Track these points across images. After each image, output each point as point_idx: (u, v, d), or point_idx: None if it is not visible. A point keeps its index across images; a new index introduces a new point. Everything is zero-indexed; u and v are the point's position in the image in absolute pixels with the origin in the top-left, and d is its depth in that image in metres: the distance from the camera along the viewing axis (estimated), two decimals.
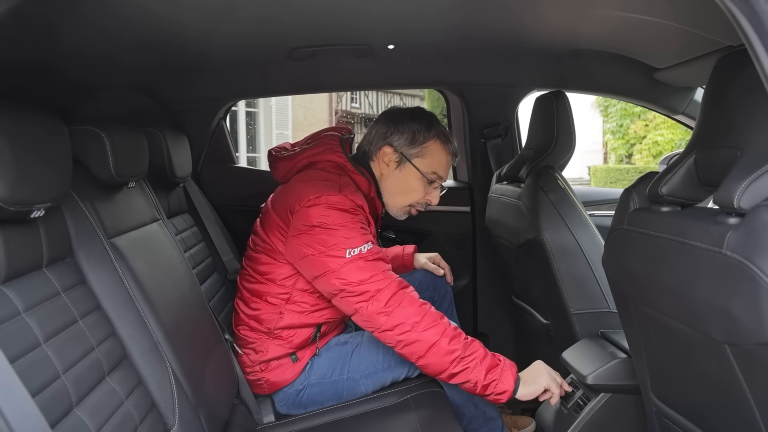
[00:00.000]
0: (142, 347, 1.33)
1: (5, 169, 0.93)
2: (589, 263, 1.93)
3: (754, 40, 0.85)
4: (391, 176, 1.86)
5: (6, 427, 0.74)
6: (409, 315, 1.58)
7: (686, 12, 1.49)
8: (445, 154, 1.86)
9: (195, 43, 1.78)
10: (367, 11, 1.62)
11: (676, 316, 1.16)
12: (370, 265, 1.63)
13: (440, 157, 1.85)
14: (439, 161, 1.85)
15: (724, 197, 0.97)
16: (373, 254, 1.64)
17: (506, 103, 2.70)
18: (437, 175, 1.86)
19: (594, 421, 1.76)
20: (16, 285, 1.02)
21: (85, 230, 1.30)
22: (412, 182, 1.85)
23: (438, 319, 1.60)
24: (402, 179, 1.85)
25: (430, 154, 1.83)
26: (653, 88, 2.38)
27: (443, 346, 1.56)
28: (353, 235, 1.64)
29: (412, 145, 1.83)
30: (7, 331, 0.94)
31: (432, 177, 1.85)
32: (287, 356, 1.80)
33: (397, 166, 1.85)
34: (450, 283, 2.21)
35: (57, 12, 1.18)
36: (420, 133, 1.82)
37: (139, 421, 1.21)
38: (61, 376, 1.03)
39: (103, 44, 1.54)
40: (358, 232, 1.65)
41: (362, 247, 1.63)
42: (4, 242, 0.99)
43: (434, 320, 1.58)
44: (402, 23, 1.76)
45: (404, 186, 1.86)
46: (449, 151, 1.87)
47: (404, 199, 1.88)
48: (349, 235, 1.64)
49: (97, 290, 1.28)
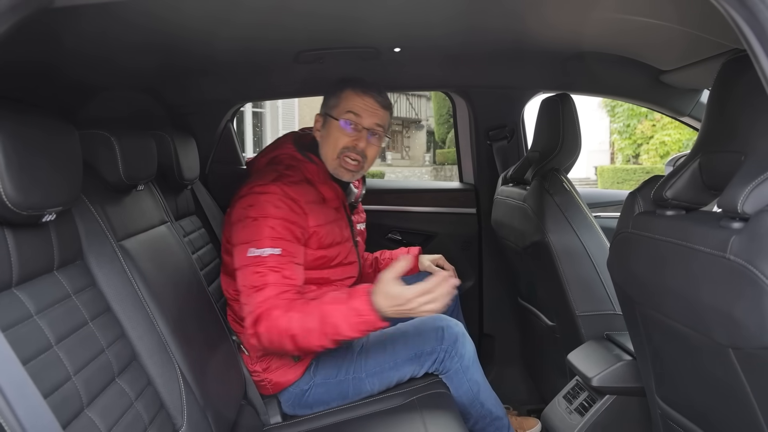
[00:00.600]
0: (151, 348, 1.35)
1: (18, 175, 0.95)
2: (595, 265, 1.94)
3: (756, 46, 0.86)
4: (322, 138, 1.88)
5: (19, 427, 0.76)
6: (273, 339, 1.58)
7: (691, 15, 1.49)
8: (358, 96, 1.84)
9: (201, 47, 1.79)
10: (373, 16, 1.63)
11: (680, 320, 1.17)
12: (259, 274, 1.62)
13: (353, 98, 1.84)
14: (352, 102, 1.83)
15: (727, 202, 0.97)
16: (276, 262, 1.63)
17: (512, 105, 2.70)
18: (353, 114, 1.83)
19: (599, 423, 1.76)
20: (28, 288, 1.04)
21: (95, 233, 1.32)
22: (333, 131, 1.84)
23: (289, 315, 1.56)
24: (327, 133, 1.86)
25: (343, 101, 1.84)
26: (659, 90, 2.38)
27: (301, 337, 1.55)
28: (264, 236, 1.65)
29: (330, 101, 1.86)
30: (19, 334, 0.96)
31: (348, 117, 1.82)
32: (287, 356, 1.81)
33: (323, 125, 1.88)
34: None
35: (63, 22, 1.19)
36: (336, 89, 1.86)
37: (148, 422, 1.22)
38: (72, 377, 1.05)
39: (107, 48, 1.56)
40: (272, 233, 1.66)
41: (263, 251, 1.63)
42: (16, 246, 1.00)
43: (285, 321, 1.56)
44: (408, 27, 1.77)
45: (329, 138, 1.85)
46: (363, 92, 1.84)
47: (331, 150, 1.85)
48: (259, 236, 1.65)
49: (107, 292, 1.30)
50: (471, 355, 1.85)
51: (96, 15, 1.24)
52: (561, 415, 1.89)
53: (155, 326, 1.39)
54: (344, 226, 1.92)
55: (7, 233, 0.99)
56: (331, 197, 1.86)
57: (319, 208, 1.79)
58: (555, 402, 1.97)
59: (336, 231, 1.85)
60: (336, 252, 1.84)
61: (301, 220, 1.72)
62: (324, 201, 1.84)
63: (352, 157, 1.83)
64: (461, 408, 1.83)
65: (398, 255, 2.26)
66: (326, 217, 1.81)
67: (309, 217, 1.75)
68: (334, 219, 1.85)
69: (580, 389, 1.89)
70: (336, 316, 1.51)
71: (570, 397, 1.91)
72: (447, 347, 1.82)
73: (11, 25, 0.78)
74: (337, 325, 1.51)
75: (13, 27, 0.78)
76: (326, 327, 1.52)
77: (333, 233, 1.83)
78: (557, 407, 1.94)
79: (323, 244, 1.79)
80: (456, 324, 1.86)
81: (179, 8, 1.38)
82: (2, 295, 0.97)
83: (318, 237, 1.77)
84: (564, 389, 1.96)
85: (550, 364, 2.32)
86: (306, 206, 1.74)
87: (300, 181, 1.78)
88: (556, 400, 1.97)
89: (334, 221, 1.85)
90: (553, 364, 2.22)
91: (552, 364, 2.26)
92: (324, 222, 1.79)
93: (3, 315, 0.94)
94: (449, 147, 20.75)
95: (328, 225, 1.81)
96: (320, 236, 1.78)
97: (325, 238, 1.79)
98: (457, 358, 1.83)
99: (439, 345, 1.82)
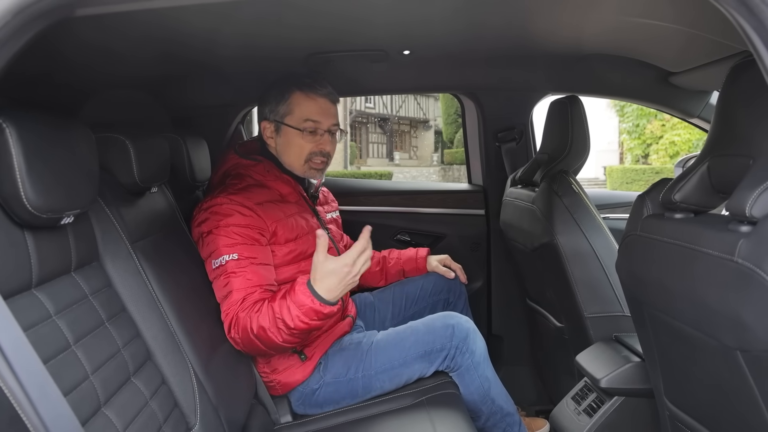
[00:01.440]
0: (165, 348, 1.37)
1: (38, 179, 0.97)
2: (603, 267, 1.94)
3: (761, 49, 0.86)
4: (279, 145, 1.90)
5: (42, 425, 0.78)
6: (246, 343, 1.63)
7: (700, 18, 1.50)
8: (311, 99, 1.86)
9: (211, 52, 1.82)
10: (381, 18, 1.64)
11: (688, 322, 1.18)
12: (223, 283, 1.67)
13: (307, 104, 1.86)
14: (307, 109, 1.85)
15: (736, 205, 0.98)
16: (236, 266, 1.67)
17: (521, 107, 2.71)
18: (312, 122, 1.86)
19: (607, 425, 1.77)
20: (46, 288, 1.06)
21: (110, 235, 1.34)
22: (294, 139, 1.87)
23: (250, 316, 1.61)
24: (286, 142, 1.88)
25: (296, 107, 1.85)
26: (668, 92, 2.38)
27: (263, 335, 1.59)
28: (219, 245, 1.69)
29: (278, 107, 1.87)
30: (39, 333, 0.98)
31: (308, 126, 1.85)
32: (294, 356, 1.83)
33: (278, 133, 1.89)
34: (464, 282, 2.24)
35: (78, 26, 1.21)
36: (280, 94, 1.87)
37: (162, 421, 1.25)
38: (90, 376, 1.07)
39: (114, 52, 1.58)
40: (226, 241, 1.69)
41: (222, 258, 1.68)
42: (36, 248, 1.03)
43: (247, 322, 1.61)
44: (416, 29, 1.79)
45: (290, 147, 1.88)
46: (315, 95, 1.86)
47: (296, 158, 1.89)
48: (215, 246, 1.70)
49: (122, 293, 1.32)
50: (482, 352, 1.86)
51: (120, 23, 1.26)
52: (569, 416, 1.90)
53: (169, 326, 1.41)
54: (309, 217, 1.94)
55: (27, 235, 1.01)
56: (288, 192, 1.90)
57: (274, 205, 1.82)
58: (563, 403, 1.98)
59: (300, 223, 1.87)
60: (306, 243, 1.85)
61: (256, 222, 1.75)
62: (282, 197, 1.87)
63: (319, 159, 1.89)
64: (472, 405, 1.84)
65: (406, 254, 2.28)
66: (284, 212, 1.83)
67: (264, 217, 1.77)
68: (295, 212, 1.88)
69: (588, 390, 1.90)
70: (283, 312, 1.56)
71: (578, 399, 1.91)
72: (458, 343, 1.83)
73: (34, 34, 0.80)
74: (285, 319, 1.56)
75: (36, 36, 0.80)
76: (278, 323, 1.57)
77: (297, 226, 1.85)
78: (566, 408, 1.95)
79: (289, 238, 1.81)
80: (466, 321, 1.87)
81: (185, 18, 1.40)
82: (23, 296, 0.99)
83: (281, 232, 1.80)
84: (572, 390, 1.97)
85: (558, 365, 2.33)
86: (257, 207, 1.76)
87: (247, 186, 1.81)
88: (565, 401, 1.97)
89: (296, 214, 1.88)
90: (562, 366, 2.23)
91: (560, 365, 2.27)
92: (283, 216, 1.82)
93: (24, 316, 0.96)
94: (457, 147, 20.75)
95: (289, 219, 1.84)
96: (283, 231, 1.80)
97: (289, 232, 1.81)
98: (468, 355, 1.84)
99: (449, 341, 1.83)
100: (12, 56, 0.79)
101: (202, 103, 2.46)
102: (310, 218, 1.93)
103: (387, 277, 2.30)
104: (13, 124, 0.94)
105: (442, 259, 2.26)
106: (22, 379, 0.77)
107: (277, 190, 1.87)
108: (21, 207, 0.96)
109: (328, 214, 2.12)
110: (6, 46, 0.76)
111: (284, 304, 1.56)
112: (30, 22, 0.77)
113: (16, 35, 0.77)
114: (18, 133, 0.94)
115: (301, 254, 1.83)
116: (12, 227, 0.98)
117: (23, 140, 0.95)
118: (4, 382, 0.75)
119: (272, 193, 1.85)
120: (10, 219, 0.98)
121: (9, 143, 0.93)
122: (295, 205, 1.90)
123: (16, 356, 0.78)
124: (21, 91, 1.40)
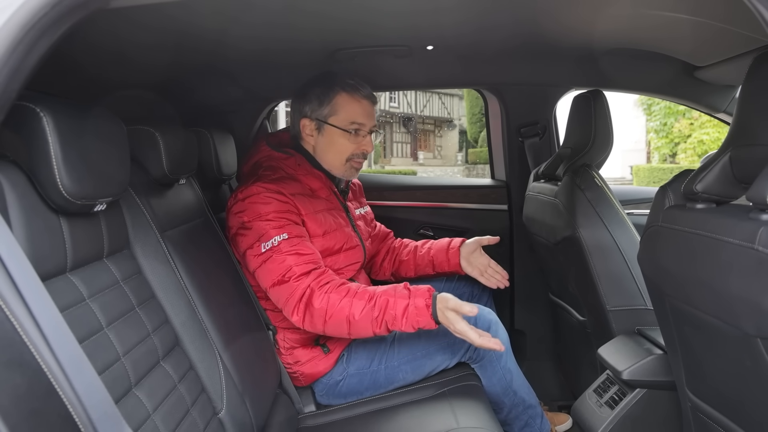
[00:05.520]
0: (193, 335, 1.41)
1: (73, 167, 1.01)
2: (626, 260, 1.94)
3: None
4: (318, 144, 1.92)
5: (78, 402, 0.81)
6: (319, 319, 1.66)
7: (725, 10, 1.49)
8: (356, 101, 1.88)
9: (239, 48, 1.85)
10: (407, 12, 1.66)
11: (709, 311, 1.18)
12: (278, 262, 1.69)
13: (352, 106, 1.88)
14: (353, 111, 1.88)
15: (756, 194, 0.99)
16: (288, 246, 1.70)
17: (544, 102, 2.71)
18: (357, 124, 1.89)
19: (629, 416, 1.77)
20: (80, 273, 1.10)
21: (140, 224, 1.38)
22: (338, 140, 1.89)
23: (350, 300, 1.64)
24: (328, 141, 1.90)
25: (341, 108, 1.87)
26: (694, 87, 2.36)
27: (360, 322, 1.63)
28: (267, 229, 1.71)
29: (322, 107, 1.88)
30: (74, 315, 1.03)
31: (353, 128, 1.88)
32: (317, 348, 1.86)
33: (319, 132, 1.91)
34: (506, 286, 2.12)
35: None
36: (324, 93, 1.88)
37: (190, 404, 1.28)
38: (122, 358, 1.11)
39: (146, 50, 1.62)
40: (272, 225, 1.72)
41: (274, 240, 1.70)
42: (71, 233, 1.07)
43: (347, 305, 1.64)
44: (440, 22, 1.80)
45: (332, 147, 1.90)
46: (360, 97, 1.89)
47: (338, 158, 1.91)
48: (263, 231, 1.72)
49: (152, 280, 1.36)
50: (504, 343, 1.86)
51: (148, 15, 1.30)
52: (591, 409, 1.91)
53: (197, 314, 1.45)
54: (338, 212, 1.95)
55: (62, 221, 1.05)
56: (318, 187, 1.92)
57: (306, 199, 1.84)
58: (585, 395, 1.98)
59: (329, 219, 1.88)
60: (334, 239, 1.87)
61: (293, 207, 1.78)
62: (312, 192, 1.89)
63: (360, 159, 1.93)
64: (494, 396, 1.85)
65: (437, 245, 2.20)
66: (314, 207, 1.85)
67: (298, 206, 1.80)
68: (325, 208, 1.89)
69: (610, 383, 1.90)
70: (398, 309, 1.61)
71: (600, 391, 1.92)
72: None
73: (69, 26, 0.83)
74: (396, 316, 1.60)
75: (71, 29, 0.84)
76: (387, 316, 1.61)
77: (326, 221, 1.86)
78: (587, 401, 1.95)
79: (317, 233, 1.83)
80: (489, 312, 1.88)
81: (220, 12, 1.43)
82: (58, 279, 1.04)
83: (310, 225, 1.81)
84: (594, 383, 1.97)
85: (581, 359, 2.33)
86: (292, 197, 1.79)
87: (281, 178, 1.84)
88: (587, 393, 1.98)
89: (325, 210, 1.89)
90: (584, 360, 2.23)
91: (583, 359, 2.27)
92: (313, 211, 1.83)
93: (60, 297, 1.00)
94: (482, 146, 20.65)
95: (319, 214, 1.85)
96: (312, 225, 1.82)
97: (318, 226, 1.83)
98: None
99: None
100: (49, 47, 0.83)
101: (229, 99, 2.50)
102: (339, 215, 1.95)
103: (416, 269, 2.23)
104: (50, 114, 0.98)
105: (476, 244, 2.14)
106: (58, 356, 0.80)
107: (308, 184, 1.89)
108: (57, 193, 1.00)
109: (357, 210, 2.13)
110: (45, 36, 0.79)
111: (401, 305, 1.62)
112: (68, 14, 0.80)
113: (54, 26, 0.80)
114: (54, 121, 0.98)
115: (327, 250, 1.85)
116: (48, 213, 1.02)
117: (59, 129, 0.99)
118: (41, 357, 0.79)
119: (303, 187, 1.87)
120: (46, 205, 1.02)
121: (46, 131, 0.97)
122: (324, 201, 1.91)
123: (54, 334, 0.81)
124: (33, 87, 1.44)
